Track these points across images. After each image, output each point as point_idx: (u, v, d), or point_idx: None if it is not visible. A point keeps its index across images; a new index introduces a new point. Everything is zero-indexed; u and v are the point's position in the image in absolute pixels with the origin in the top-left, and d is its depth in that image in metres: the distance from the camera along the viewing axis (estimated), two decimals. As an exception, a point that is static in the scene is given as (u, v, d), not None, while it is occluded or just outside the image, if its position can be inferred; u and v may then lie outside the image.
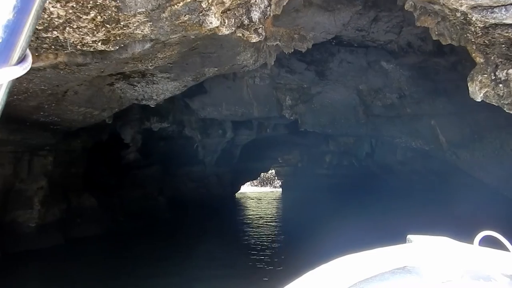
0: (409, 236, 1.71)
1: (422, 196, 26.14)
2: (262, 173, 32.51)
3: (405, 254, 1.51)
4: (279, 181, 40.90)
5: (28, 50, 0.49)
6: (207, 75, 8.27)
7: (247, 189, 32.87)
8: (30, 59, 0.49)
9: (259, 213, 18.35)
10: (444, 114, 11.54)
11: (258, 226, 14.25)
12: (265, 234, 12.56)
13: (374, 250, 1.48)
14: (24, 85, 6.33)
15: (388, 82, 12.68)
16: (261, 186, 47.32)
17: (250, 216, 17.69)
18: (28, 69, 0.48)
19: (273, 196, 31.56)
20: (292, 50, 7.86)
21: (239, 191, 28.56)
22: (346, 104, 13.88)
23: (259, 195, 32.21)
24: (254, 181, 37.32)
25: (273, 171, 38.96)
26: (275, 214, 18.94)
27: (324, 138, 25.03)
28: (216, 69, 8.05)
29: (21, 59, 0.47)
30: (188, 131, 17.32)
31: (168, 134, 16.94)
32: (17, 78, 0.47)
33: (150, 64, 6.27)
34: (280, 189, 39.35)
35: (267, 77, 14.79)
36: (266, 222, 15.34)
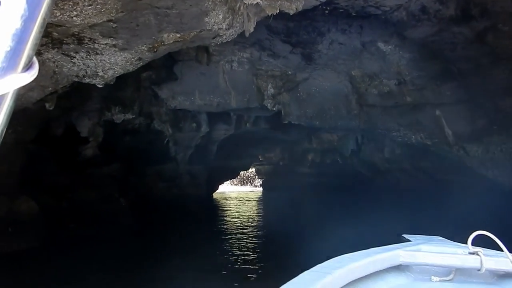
0: (404, 236, 2.19)
1: (411, 198, 24.80)
2: (241, 172, 30.67)
3: (400, 252, 1.75)
4: (259, 180, 39.25)
5: (34, 57, 0.48)
6: (167, 44, 6.38)
7: (226, 189, 31.02)
8: (37, 66, 0.49)
9: (238, 218, 16.51)
10: (452, 102, 9.93)
11: (237, 233, 12.43)
12: (244, 246, 10.76)
13: (369, 249, 1.76)
14: None
15: (385, 67, 11.00)
16: (241, 185, 45.57)
17: (227, 220, 15.84)
18: (35, 76, 0.48)
19: (253, 196, 29.79)
20: (277, 11, 6.04)
21: (217, 191, 26.66)
22: (337, 93, 12.14)
23: (239, 195, 30.39)
24: (233, 180, 35.53)
25: (254, 169, 37.28)
26: (256, 218, 17.13)
27: (307, 134, 23.32)
28: (178, 34, 6.17)
29: (28, 67, 0.48)
30: (158, 124, 15.34)
31: (135, 127, 14.94)
32: (23, 86, 0.48)
33: (75, 13, 4.35)
34: (261, 189, 37.68)
35: (246, 61, 12.95)
36: (245, 228, 13.54)
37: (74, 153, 13.37)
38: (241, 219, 15.52)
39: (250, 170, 35.82)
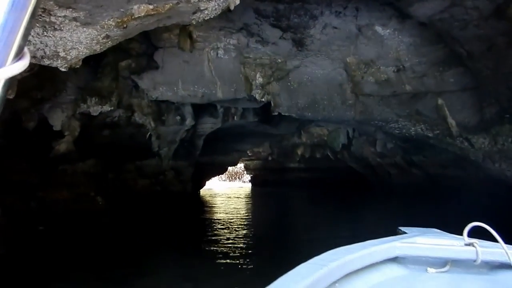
0: (401, 228, 2.21)
1: (403, 193, 24.22)
2: (230, 167, 29.77)
3: (396, 245, 1.77)
4: (248, 175, 38.50)
5: (26, 48, 0.48)
6: (139, 18, 5.44)
7: (214, 185, 30.11)
8: (28, 56, 0.49)
9: (225, 216, 15.66)
10: (456, 90, 9.16)
11: (224, 233, 11.57)
12: (232, 246, 9.89)
13: (366, 242, 1.78)
14: None
15: (383, 52, 10.20)
16: (230, 181, 44.75)
17: (214, 219, 14.96)
18: (26, 66, 0.48)
19: (242, 192, 28.94)
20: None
21: (205, 187, 25.76)
22: (330, 81, 11.31)
23: (227, 191, 29.53)
24: (221, 176, 34.66)
25: (242, 164, 36.50)
26: (244, 216, 16.29)
27: (296, 128, 22.47)
28: (150, 6, 5.23)
29: (20, 57, 0.47)
30: (139, 117, 14.36)
31: (114, 120, 13.93)
32: (14, 76, 0.48)
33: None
34: (250, 184, 36.90)
35: (232, 48, 12.03)
36: (233, 227, 12.68)
37: (48, 149, 12.34)
38: (229, 218, 14.67)
39: (239, 165, 34.99)
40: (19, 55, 0.47)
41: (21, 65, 0.47)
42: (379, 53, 10.19)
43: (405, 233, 2.15)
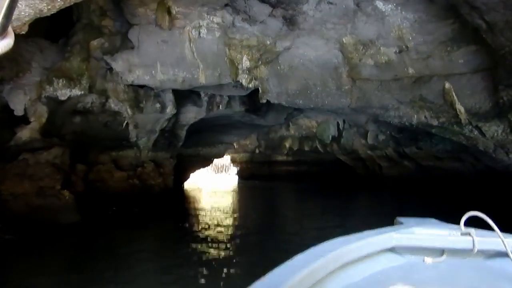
0: (398, 218, 2.19)
1: (395, 186, 23.43)
2: (215, 160, 28.58)
3: (393, 235, 1.79)
4: (235, 168, 37.45)
5: (10, 27, 0.48)
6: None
7: (199, 178, 28.96)
8: (12, 35, 0.48)
9: (210, 212, 14.60)
10: (466, 72, 8.18)
11: (207, 231, 10.54)
12: (216, 246, 8.87)
13: (363, 232, 1.78)
14: None
15: (383, 31, 9.16)
16: (216, 173, 43.66)
17: (197, 215, 13.88)
18: (10, 46, 0.48)
19: (228, 186, 27.86)
20: None
21: (189, 180, 24.60)
22: (324, 64, 10.24)
23: (212, 185, 28.43)
24: (207, 168, 33.49)
25: (229, 156, 35.42)
26: (230, 212, 15.27)
27: (285, 119, 21.36)
28: None
29: (3, 36, 0.47)
30: (114, 103, 13.08)
31: (86, 107, 12.65)
32: None
33: None
34: (236, 177, 35.86)
35: (216, 28, 10.87)
36: (218, 225, 11.66)
37: (10, 136, 11.06)
38: (214, 214, 13.59)
39: (225, 158, 33.88)
40: (2, 33, 0.45)
41: (5, 44, 0.46)
42: (379, 32, 9.15)
43: (402, 223, 2.15)
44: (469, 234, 1.74)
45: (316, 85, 10.59)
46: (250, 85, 11.51)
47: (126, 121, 13.74)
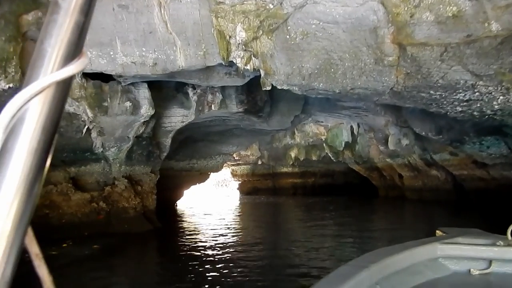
0: (441, 229, 2.22)
1: (418, 200, 20.09)
2: (213, 174, 25.13)
3: (437, 245, 1.79)
4: (235, 183, 34.09)
5: (84, 48, 0.49)
6: None
7: (193, 195, 25.50)
8: (87, 55, 0.50)
9: (202, 241, 11.20)
10: None
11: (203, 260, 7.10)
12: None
13: (406, 243, 1.80)
14: None
15: (452, -36, 5.82)
16: (215, 188, 40.33)
17: (187, 243, 10.49)
18: (86, 65, 0.49)
19: (229, 205, 24.33)
20: None
21: (181, 199, 21.18)
22: (357, 26, 6.86)
23: (211, 203, 24.93)
24: (203, 183, 30.02)
25: (229, 170, 32.09)
26: (231, 236, 11.84)
27: (291, 122, 17.87)
28: None
29: (79, 57, 0.48)
30: (68, 102, 9.75)
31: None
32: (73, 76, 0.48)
33: None
34: (238, 193, 32.46)
35: (197, -15, 7.58)
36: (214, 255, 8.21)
37: None
38: (212, 251, 10.21)
39: (224, 171, 30.51)
40: (78, 54, 0.47)
41: (81, 64, 0.47)
42: (444, -34, 5.83)
43: (445, 233, 2.09)
44: None
45: (344, 59, 7.21)
46: (248, 67, 8.17)
47: (86, 126, 10.42)
